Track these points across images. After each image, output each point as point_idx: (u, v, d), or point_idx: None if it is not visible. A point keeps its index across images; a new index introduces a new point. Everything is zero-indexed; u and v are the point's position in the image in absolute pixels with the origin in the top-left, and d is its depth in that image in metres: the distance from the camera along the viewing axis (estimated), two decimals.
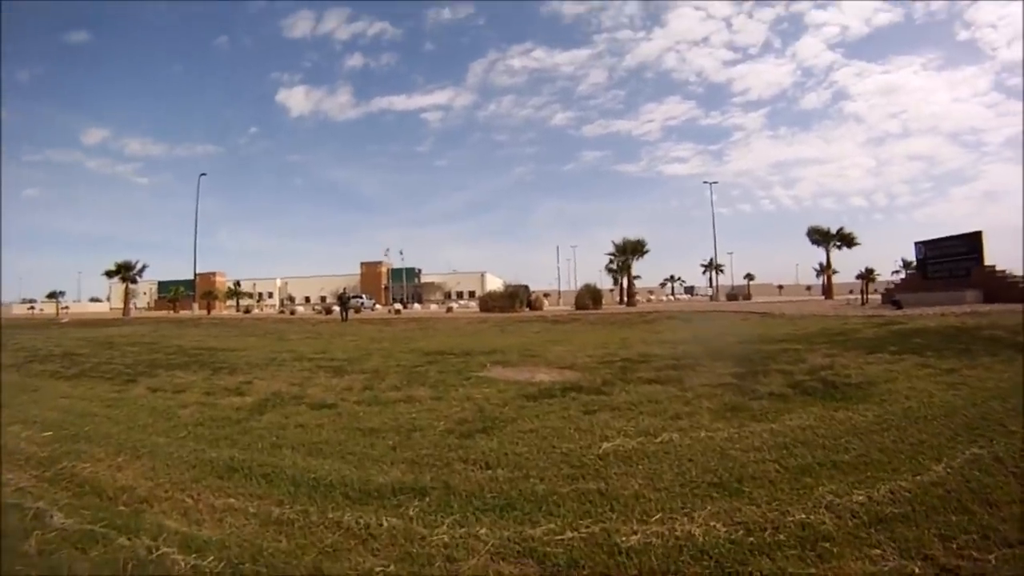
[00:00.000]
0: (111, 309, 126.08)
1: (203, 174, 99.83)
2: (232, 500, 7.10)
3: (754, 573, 4.65)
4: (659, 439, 8.35)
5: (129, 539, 6.12)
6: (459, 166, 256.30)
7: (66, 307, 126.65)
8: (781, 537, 5.18)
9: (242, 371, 17.25)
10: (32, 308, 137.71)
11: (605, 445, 8.16)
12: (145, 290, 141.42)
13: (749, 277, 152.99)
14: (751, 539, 5.17)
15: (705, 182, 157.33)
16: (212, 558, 5.61)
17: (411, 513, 6.31)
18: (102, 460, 8.96)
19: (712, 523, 5.51)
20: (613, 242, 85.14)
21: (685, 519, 5.65)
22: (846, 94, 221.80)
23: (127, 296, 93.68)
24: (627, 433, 8.74)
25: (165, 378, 16.61)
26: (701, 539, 5.21)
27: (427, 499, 6.67)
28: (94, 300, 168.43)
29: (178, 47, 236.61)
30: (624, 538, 5.32)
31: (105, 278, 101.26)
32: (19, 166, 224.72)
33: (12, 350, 27.89)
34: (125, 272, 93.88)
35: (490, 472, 7.42)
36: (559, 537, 5.45)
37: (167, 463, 8.64)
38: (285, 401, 12.43)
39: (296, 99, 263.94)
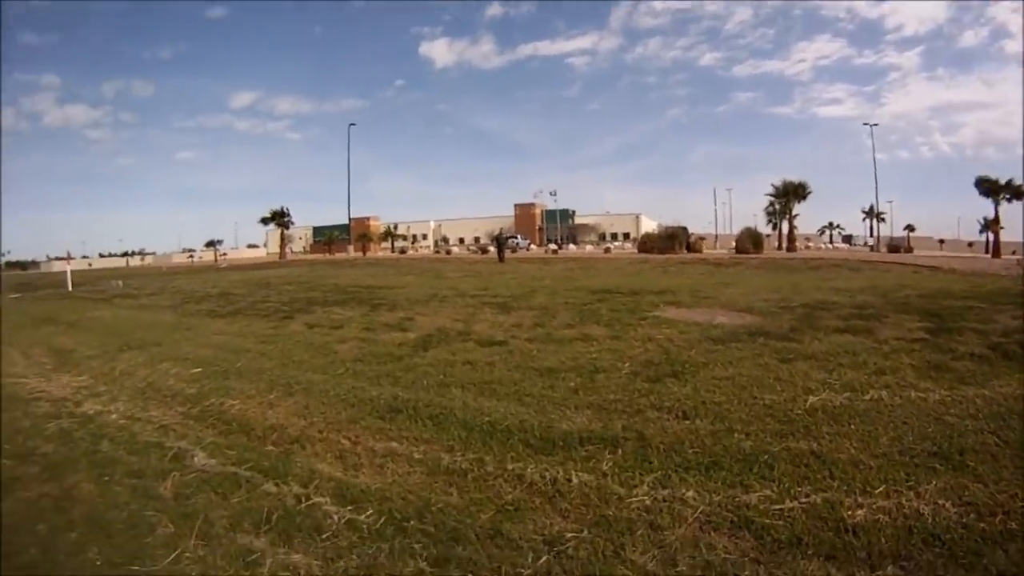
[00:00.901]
0: (267, 254, 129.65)
1: (352, 124, 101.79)
2: (394, 444, 6.41)
3: (989, 568, 3.91)
4: (867, 396, 7.32)
5: (276, 485, 5.58)
6: (610, 110, 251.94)
7: (224, 253, 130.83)
8: (1013, 525, 4.38)
9: (402, 307, 16.72)
10: (191, 256, 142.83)
11: (811, 399, 7.18)
12: (300, 235, 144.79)
13: (909, 228, 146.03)
14: (982, 525, 4.38)
15: (865, 124, 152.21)
16: (371, 512, 4.97)
17: (604, 468, 5.49)
18: (252, 397, 8.48)
19: (940, 501, 4.71)
20: (773, 185, 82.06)
21: (911, 494, 4.84)
22: (1006, 32, 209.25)
23: (283, 240, 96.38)
24: (832, 387, 7.69)
25: (322, 314, 16.26)
26: (931, 520, 4.45)
27: (620, 451, 5.83)
28: (251, 246, 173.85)
29: (317, 11, 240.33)
30: (849, 512, 4.58)
31: (261, 225, 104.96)
32: (171, 132, 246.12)
33: (169, 292, 28.47)
34: (279, 219, 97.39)
35: (688, 423, 6.54)
36: (777, 507, 4.68)
37: (323, 401, 8.05)
38: (450, 337, 11.78)
39: (439, 51, 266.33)
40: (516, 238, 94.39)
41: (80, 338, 15.66)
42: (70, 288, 36.31)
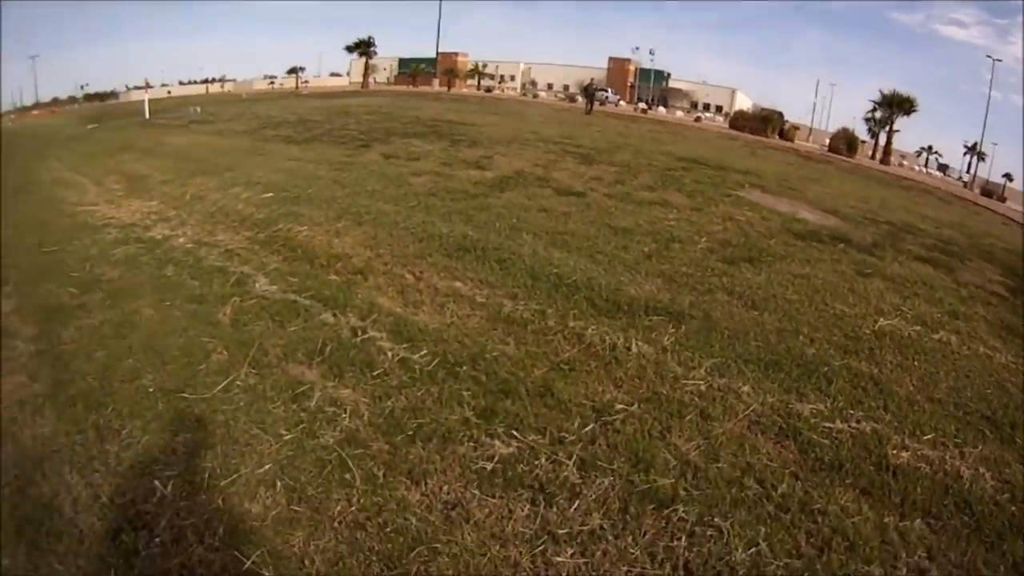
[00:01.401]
0: (350, 83, 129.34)
1: None
2: (458, 284, 6.43)
3: (1008, 555, 3.75)
4: (936, 336, 7.05)
5: (334, 315, 5.62)
6: None
7: (306, 81, 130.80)
8: None
9: (483, 145, 16.57)
10: (272, 83, 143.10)
11: (881, 322, 6.99)
12: (385, 66, 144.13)
13: (1007, 177, 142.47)
14: (1013, 509, 4.16)
15: (988, 56, 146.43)
16: (425, 352, 4.98)
17: (665, 342, 5.44)
18: (320, 224, 8.51)
19: (981, 470, 4.50)
20: (881, 91, 79.45)
21: (956, 452, 4.66)
22: None
23: (367, 70, 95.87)
24: (904, 315, 7.45)
25: (400, 145, 16.18)
26: (968, 486, 4.28)
27: (684, 328, 5.79)
28: (334, 75, 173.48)
29: None
30: (894, 451, 4.49)
31: (346, 54, 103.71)
32: None
33: (246, 119, 28.54)
34: (364, 48, 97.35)
35: (756, 314, 6.47)
36: (827, 424, 4.62)
37: (391, 232, 8.06)
38: (528, 181, 11.72)
39: None
40: (607, 91, 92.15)
41: (154, 164, 15.89)
42: (147, 116, 36.86)
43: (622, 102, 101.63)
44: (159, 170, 14.62)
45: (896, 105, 75.48)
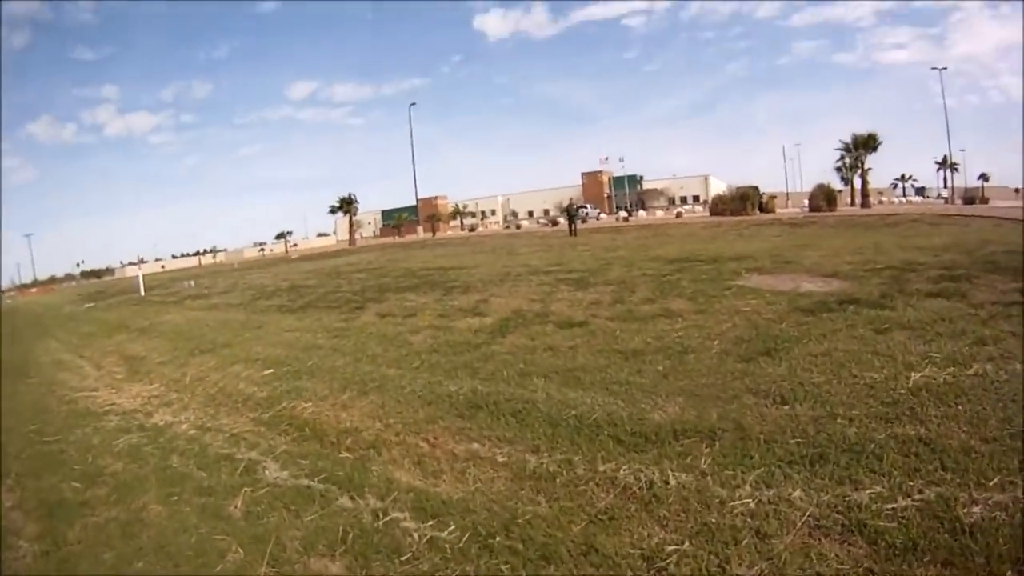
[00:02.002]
0: (338, 241, 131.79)
1: (413, 104, 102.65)
2: (476, 446, 6.10)
3: None
4: (971, 371, 6.81)
5: (352, 499, 5.35)
6: (669, 69, 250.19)
7: (294, 244, 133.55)
8: None
9: (476, 289, 16.41)
10: (262, 250, 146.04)
11: (914, 376, 6.69)
12: (369, 220, 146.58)
13: (984, 178, 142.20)
14: None
15: (933, 68, 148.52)
16: (453, 528, 4.69)
17: (703, 465, 5.11)
18: (326, 398, 8.32)
19: None
20: (841, 141, 79.88)
21: None
22: None
23: (352, 227, 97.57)
24: (933, 361, 7.17)
25: (395, 302, 16.06)
26: None
27: (718, 445, 5.46)
28: (321, 235, 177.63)
29: None
30: (965, 510, 4.19)
31: (330, 214, 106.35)
32: (233, 130, 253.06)
33: (240, 290, 28.62)
34: (347, 206, 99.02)
35: (787, 408, 6.14)
36: (889, 506, 4.34)
37: (398, 399, 7.82)
38: (528, 320, 11.49)
39: (493, 23, 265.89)
40: (585, 207, 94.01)
41: (151, 344, 15.90)
42: (142, 292, 37.41)
43: (602, 215, 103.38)
44: (157, 350, 14.62)
45: (861, 146, 76.75)
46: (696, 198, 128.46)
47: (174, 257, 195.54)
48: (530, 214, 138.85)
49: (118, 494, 6.22)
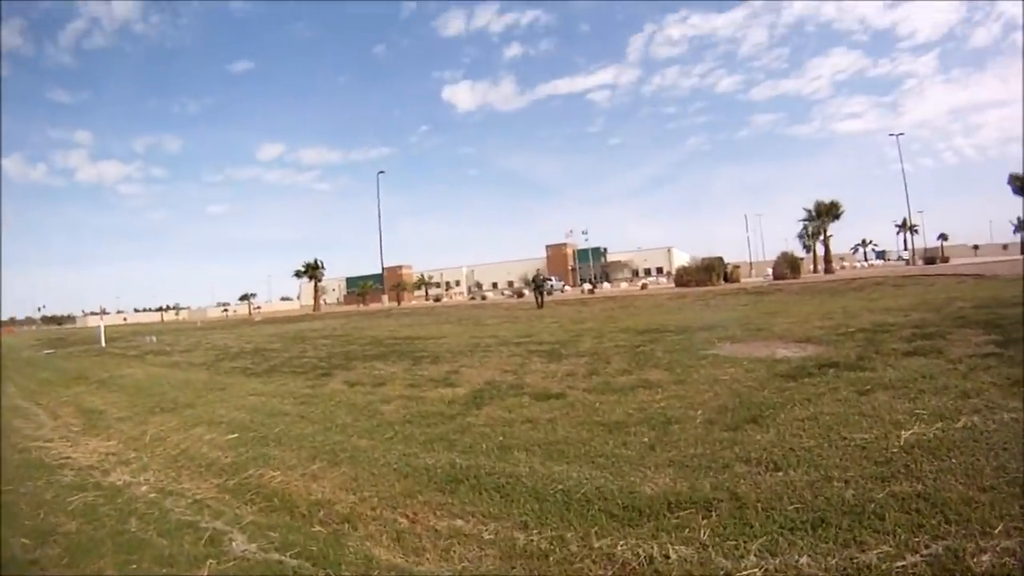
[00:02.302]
0: (301, 307, 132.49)
1: (381, 171, 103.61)
2: (459, 522, 5.74)
3: None
4: (959, 424, 6.87)
5: (328, 575, 4.91)
6: (632, 143, 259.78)
7: (258, 307, 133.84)
8: None
9: (446, 359, 16.18)
10: (226, 311, 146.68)
11: (904, 434, 6.66)
12: (334, 286, 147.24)
13: (943, 237, 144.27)
14: None
15: (890, 135, 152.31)
16: None
17: (703, 537, 4.86)
18: (294, 467, 7.96)
19: None
20: (805, 209, 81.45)
21: None
22: (1016, 25, 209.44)
23: (316, 293, 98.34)
24: (921, 418, 7.19)
25: (363, 370, 15.76)
26: None
27: (715, 515, 5.22)
28: (285, 299, 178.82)
29: (339, 60, 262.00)
30: (974, 560, 4.11)
31: (295, 278, 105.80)
32: (201, 187, 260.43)
33: (203, 349, 28.54)
34: (312, 271, 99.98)
35: (782, 475, 5.96)
36: (899, 564, 4.19)
37: (372, 471, 7.47)
38: (503, 391, 11.18)
39: (461, 95, 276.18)
40: (550, 280, 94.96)
41: (111, 398, 15.49)
42: (103, 344, 37.72)
43: (566, 287, 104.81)
44: (116, 405, 14.22)
45: (824, 213, 78.14)
46: (660, 270, 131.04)
47: (136, 311, 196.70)
48: (494, 285, 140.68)
49: (71, 556, 5.81)
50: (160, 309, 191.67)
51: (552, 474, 6.58)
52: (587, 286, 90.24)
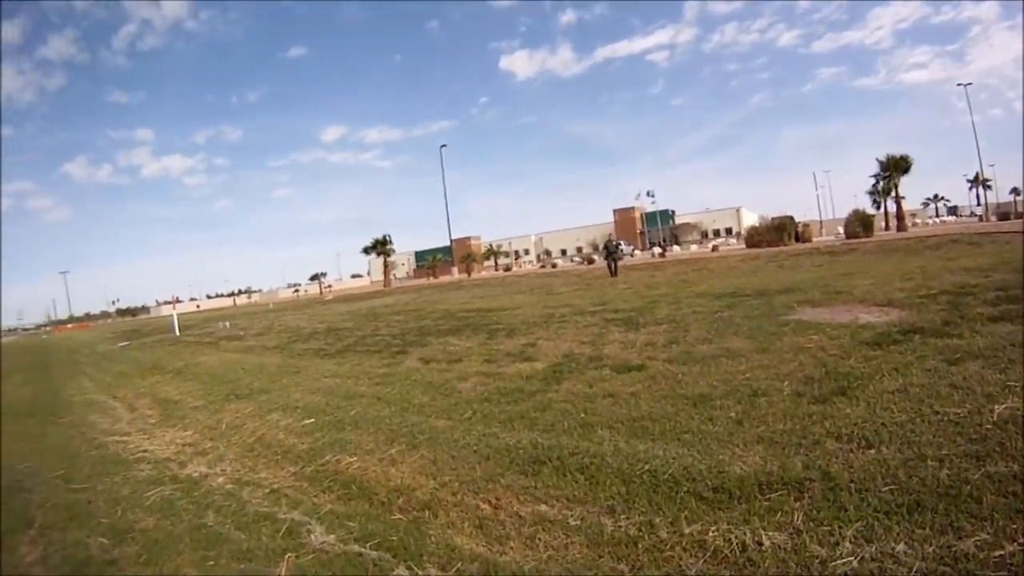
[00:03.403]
0: (372, 283, 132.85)
1: (443, 145, 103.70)
2: (543, 507, 5.65)
3: None
4: None
5: (410, 568, 4.92)
6: (695, 103, 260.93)
7: (329, 286, 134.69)
8: None
9: (521, 332, 16.03)
10: (296, 291, 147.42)
11: (997, 408, 6.30)
12: (403, 261, 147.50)
13: (1015, 192, 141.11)
14: None
15: (959, 84, 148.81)
16: None
17: (796, 522, 4.72)
18: (372, 452, 7.95)
19: None
20: (878, 159, 78.97)
21: None
22: None
23: (387, 268, 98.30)
24: (1013, 391, 6.77)
25: (437, 347, 15.71)
26: None
27: (807, 497, 5.07)
28: (355, 276, 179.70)
29: (392, 39, 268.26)
30: None
31: (363, 255, 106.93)
32: (265, 172, 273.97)
33: (276, 332, 28.78)
34: (381, 247, 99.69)
35: (874, 452, 5.74)
36: (997, 553, 4.01)
37: (452, 454, 7.42)
38: (582, 364, 11.03)
39: (519, 63, 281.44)
40: (621, 245, 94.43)
41: (186, 387, 15.80)
42: (177, 332, 38.14)
43: (636, 251, 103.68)
44: (192, 394, 14.49)
45: (894, 168, 76.01)
46: (729, 231, 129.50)
47: (209, 297, 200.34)
48: (563, 252, 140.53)
49: (149, 554, 5.87)
50: (232, 294, 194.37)
51: (637, 453, 6.46)
52: (657, 250, 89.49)
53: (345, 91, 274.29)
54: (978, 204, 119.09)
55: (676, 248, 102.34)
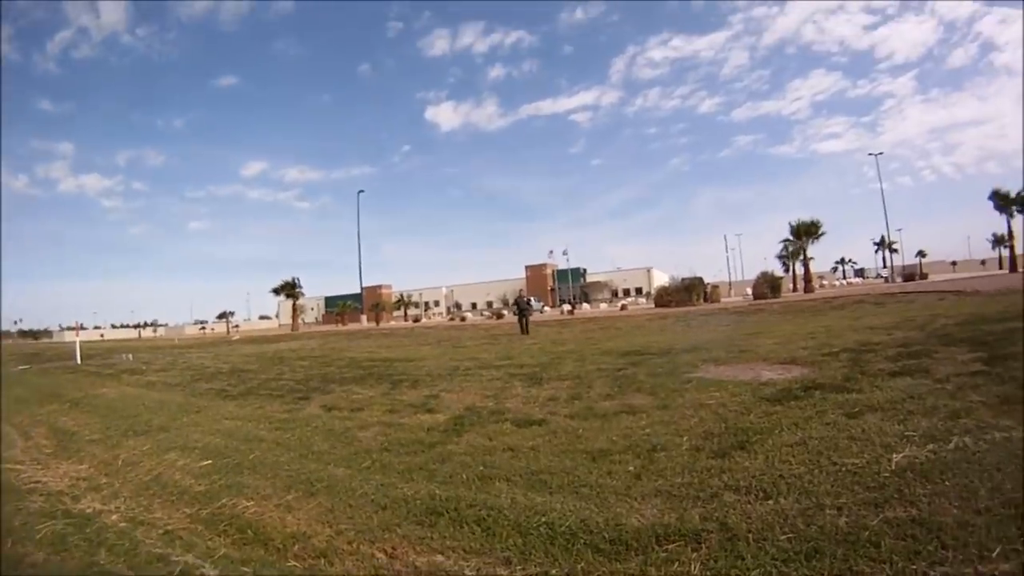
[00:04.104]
0: (280, 325, 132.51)
1: (361, 191, 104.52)
2: (440, 557, 5.50)
3: None
4: (950, 445, 6.76)
5: None
6: (614, 164, 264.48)
7: (236, 325, 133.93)
8: None
9: (425, 383, 15.98)
10: (203, 328, 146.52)
11: (895, 457, 6.54)
12: (312, 306, 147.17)
13: (921, 255, 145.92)
14: None
15: (870, 154, 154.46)
16: None
17: (694, 572, 4.67)
18: (269, 497, 7.68)
19: None
20: (789, 223, 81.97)
21: None
22: (993, 45, 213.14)
23: (295, 312, 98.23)
24: (911, 440, 7.08)
25: (340, 394, 15.56)
26: None
27: (704, 547, 5.02)
28: (263, 318, 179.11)
29: (323, 80, 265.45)
30: None
31: (272, 296, 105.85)
32: (183, 202, 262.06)
33: (179, 369, 28.44)
34: (290, 290, 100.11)
35: (772, 503, 5.76)
36: None
37: (349, 502, 7.21)
38: (483, 418, 10.97)
39: (445, 114, 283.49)
40: (530, 300, 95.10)
41: (83, 419, 15.24)
42: (79, 361, 37.55)
43: (546, 307, 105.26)
44: (89, 427, 13.96)
45: (805, 233, 78.43)
46: (639, 290, 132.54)
47: (113, 327, 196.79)
48: (474, 306, 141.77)
49: None
50: (138, 326, 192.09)
51: (535, 505, 6.38)
52: (567, 307, 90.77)
53: (270, 126, 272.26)
54: (884, 266, 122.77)
55: (586, 306, 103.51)
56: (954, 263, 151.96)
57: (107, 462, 10.35)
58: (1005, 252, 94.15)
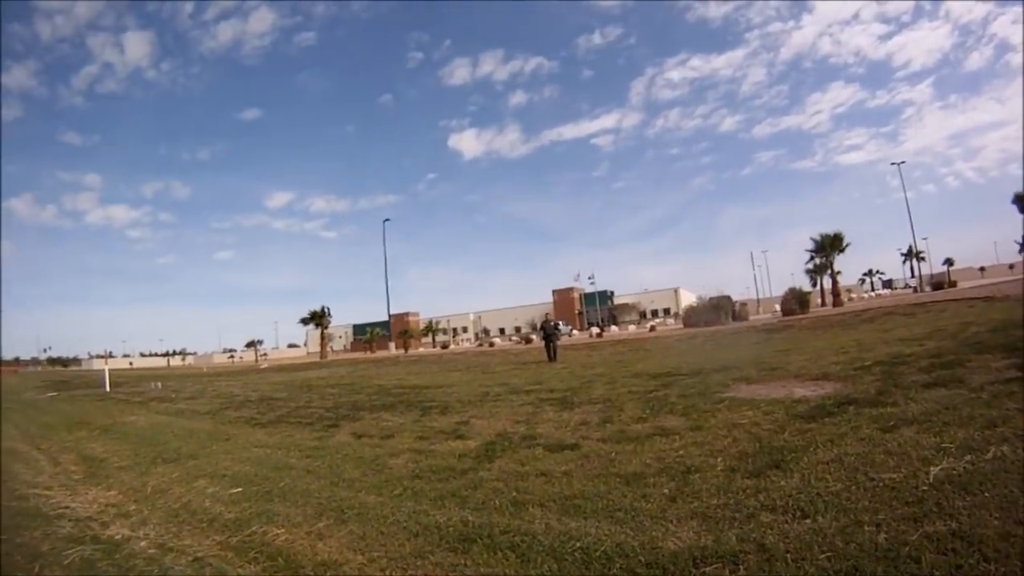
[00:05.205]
0: (308, 354, 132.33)
1: (387, 220, 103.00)
2: None
3: None
4: (988, 455, 6.60)
5: None
6: (637, 185, 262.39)
7: (264, 354, 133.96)
8: None
9: (455, 410, 15.90)
10: (232, 357, 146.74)
11: (933, 470, 6.38)
12: (340, 334, 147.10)
13: (948, 262, 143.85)
14: None
15: (892, 163, 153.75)
16: None
17: None
18: (299, 525, 7.65)
19: None
20: (812, 238, 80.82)
21: None
22: (1009, 46, 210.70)
23: (323, 340, 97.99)
24: (948, 452, 6.92)
25: (370, 421, 15.52)
26: None
27: (742, 568, 4.94)
28: (292, 346, 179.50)
29: (347, 110, 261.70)
30: None
31: (301, 325, 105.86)
32: (209, 233, 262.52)
33: (208, 397, 28.56)
34: (319, 319, 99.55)
35: (810, 522, 5.66)
36: None
37: (381, 530, 7.14)
38: (515, 443, 10.89)
39: (468, 142, 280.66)
40: (558, 325, 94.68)
41: (113, 446, 15.35)
42: (107, 388, 37.99)
43: (574, 331, 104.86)
44: (118, 454, 14.02)
45: (830, 247, 77.81)
46: (667, 311, 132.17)
47: (143, 355, 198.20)
48: (502, 331, 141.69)
49: None
50: (166, 354, 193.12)
51: (569, 531, 6.30)
52: (595, 330, 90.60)
53: (295, 157, 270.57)
54: (912, 276, 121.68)
55: (614, 328, 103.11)
56: (982, 269, 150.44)
57: (136, 489, 10.39)
58: None
